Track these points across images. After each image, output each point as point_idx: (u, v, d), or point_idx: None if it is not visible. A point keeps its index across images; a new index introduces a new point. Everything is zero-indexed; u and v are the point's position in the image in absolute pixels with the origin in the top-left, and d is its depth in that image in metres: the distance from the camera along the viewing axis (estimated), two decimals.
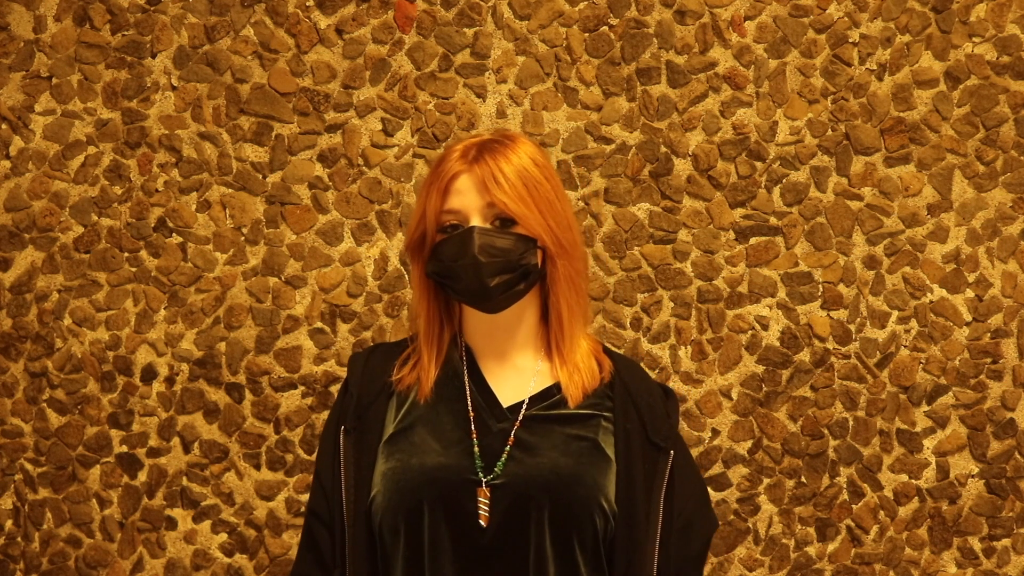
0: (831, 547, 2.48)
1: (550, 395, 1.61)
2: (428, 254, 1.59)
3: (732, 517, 2.47)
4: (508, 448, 1.56)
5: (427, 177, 1.60)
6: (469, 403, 1.59)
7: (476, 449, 1.56)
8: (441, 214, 1.56)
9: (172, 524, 2.48)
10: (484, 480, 1.54)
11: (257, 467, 2.47)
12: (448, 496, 1.53)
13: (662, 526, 1.57)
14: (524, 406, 1.59)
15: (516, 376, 1.62)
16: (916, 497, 2.48)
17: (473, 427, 1.57)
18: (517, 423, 1.58)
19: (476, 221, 1.54)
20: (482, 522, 1.52)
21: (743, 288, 2.46)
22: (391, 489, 1.55)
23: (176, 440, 2.48)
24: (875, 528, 2.48)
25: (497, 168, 1.54)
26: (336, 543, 1.59)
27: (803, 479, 2.47)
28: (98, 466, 2.48)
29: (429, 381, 1.61)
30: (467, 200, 1.55)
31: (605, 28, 2.46)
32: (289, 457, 2.47)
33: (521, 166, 1.56)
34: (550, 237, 1.56)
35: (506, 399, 1.60)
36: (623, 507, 1.55)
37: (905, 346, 2.47)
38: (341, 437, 1.60)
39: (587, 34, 2.45)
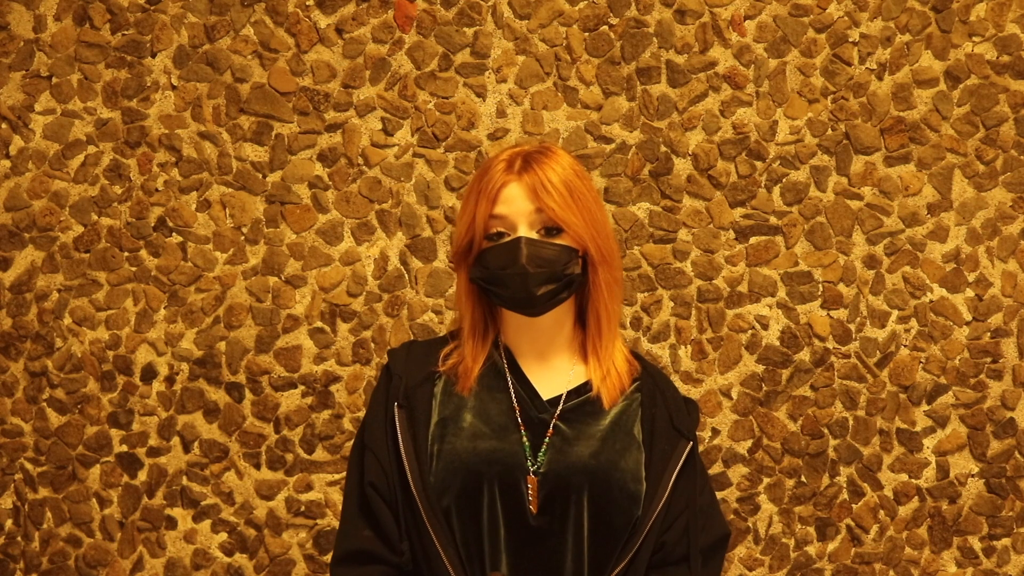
0: (831, 546, 2.48)
1: (586, 390, 1.67)
2: (473, 260, 1.64)
3: (732, 516, 2.47)
4: (548, 439, 1.63)
5: (471, 187, 1.65)
6: (513, 396, 1.66)
7: (525, 440, 1.63)
8: (489, 220, 1.62)
9: (172, 523, 2.48)
10: (531, 469, 1.61)
11: (257, 466, 2.47)
12: (504, 479, 1.60)
13: (669, 508, 1.64)
14: (563, 400, 1.66)
15: (554, 374, 1.69)
16: (916, 496, 2.48)
17: (520, 419, 1.64)
18: (556, 415, 1.65)
19: (523, 229, 1.61)
20: (532, 508, 1.60)
21: (743, 287, 2.46)
22: (446, 469, 1.61)
23: (176, 439, 2.48)
24: (875, 527, 2.48)
25: (545, 177, 1.60)
26: (399, 517, 1.63)
27: (803, 478, 2.47)
28: (98, 465, 2.48)
29: (473, 375, 1.67)
30: (516, 207, 1.61)
31: (605, 28, 2.46)
32: (289, 457, 2.47)
33: (566, 176, 1.62)
34: (593, 245, 1.63)
35: (545, 393, 1.67)
36: (650, 487, 1.63)
37: (905, 345, 2.47)
38: (396, 412, 1.65)
39: (587, 33, 2.45)
